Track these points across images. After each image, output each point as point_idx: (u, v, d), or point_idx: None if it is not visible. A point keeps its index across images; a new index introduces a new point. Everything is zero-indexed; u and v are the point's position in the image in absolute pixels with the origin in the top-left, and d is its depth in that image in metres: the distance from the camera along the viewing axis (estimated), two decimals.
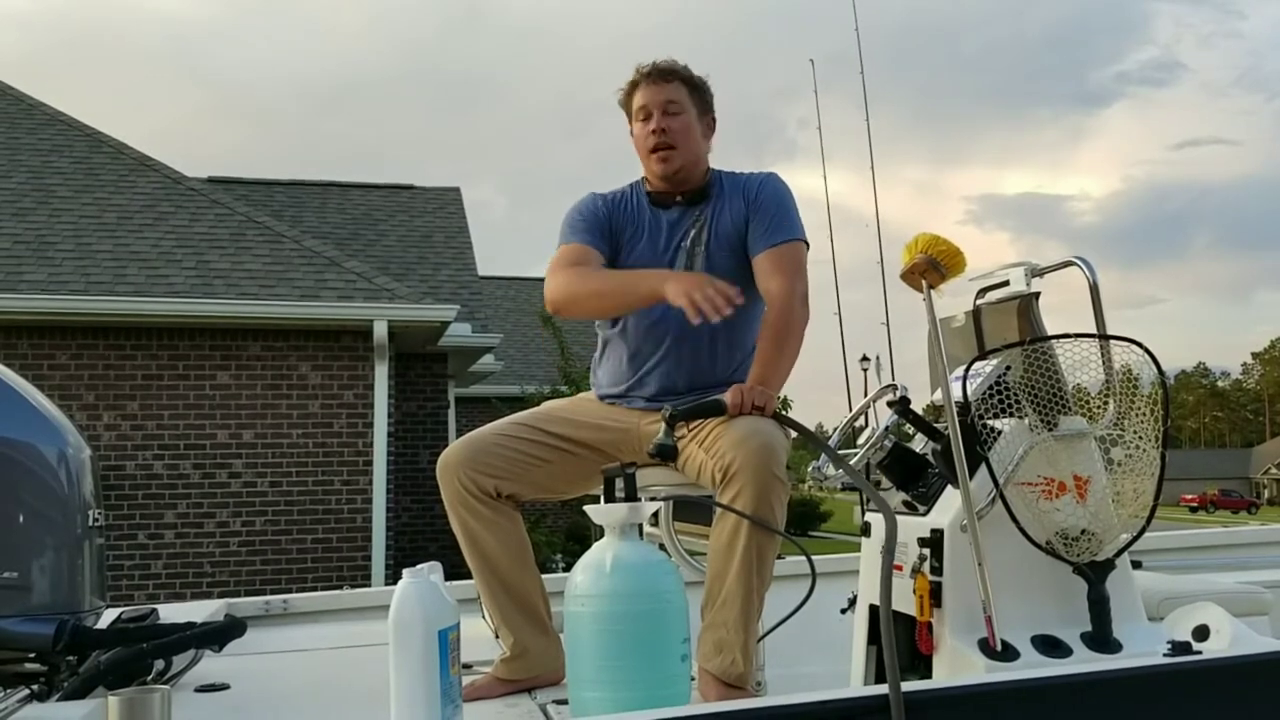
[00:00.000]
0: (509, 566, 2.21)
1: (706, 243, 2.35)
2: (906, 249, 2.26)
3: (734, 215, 2.36)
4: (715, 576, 2.06)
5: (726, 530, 2.02)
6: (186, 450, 8.30)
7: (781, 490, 2.02)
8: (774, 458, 2.01)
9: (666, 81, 2.38)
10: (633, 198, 2.45)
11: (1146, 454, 2.12)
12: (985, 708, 1.41)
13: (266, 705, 2.17)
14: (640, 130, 2.39)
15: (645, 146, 2.38)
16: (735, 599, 2.00)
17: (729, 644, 2.00)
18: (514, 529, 2.23)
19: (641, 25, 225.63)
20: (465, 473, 2.17)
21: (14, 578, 1.91)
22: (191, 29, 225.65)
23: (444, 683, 1.64)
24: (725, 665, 1.99)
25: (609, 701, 1.67)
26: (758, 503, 1.98)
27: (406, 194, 13.60)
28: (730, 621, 2.00)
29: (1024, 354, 2.20)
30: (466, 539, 2.20)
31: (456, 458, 2.19)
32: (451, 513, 2.21)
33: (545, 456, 2.24)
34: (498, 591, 2.21)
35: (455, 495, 2.18)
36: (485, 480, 2.18)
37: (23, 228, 8.86)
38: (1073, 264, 2.35)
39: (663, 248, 2.37)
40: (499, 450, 2.21)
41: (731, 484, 2.00)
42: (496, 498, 2.20)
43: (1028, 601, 2.09)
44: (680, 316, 2.11)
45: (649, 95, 2.38)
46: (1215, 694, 1.50)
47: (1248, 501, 61.95)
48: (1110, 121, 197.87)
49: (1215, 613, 1.99)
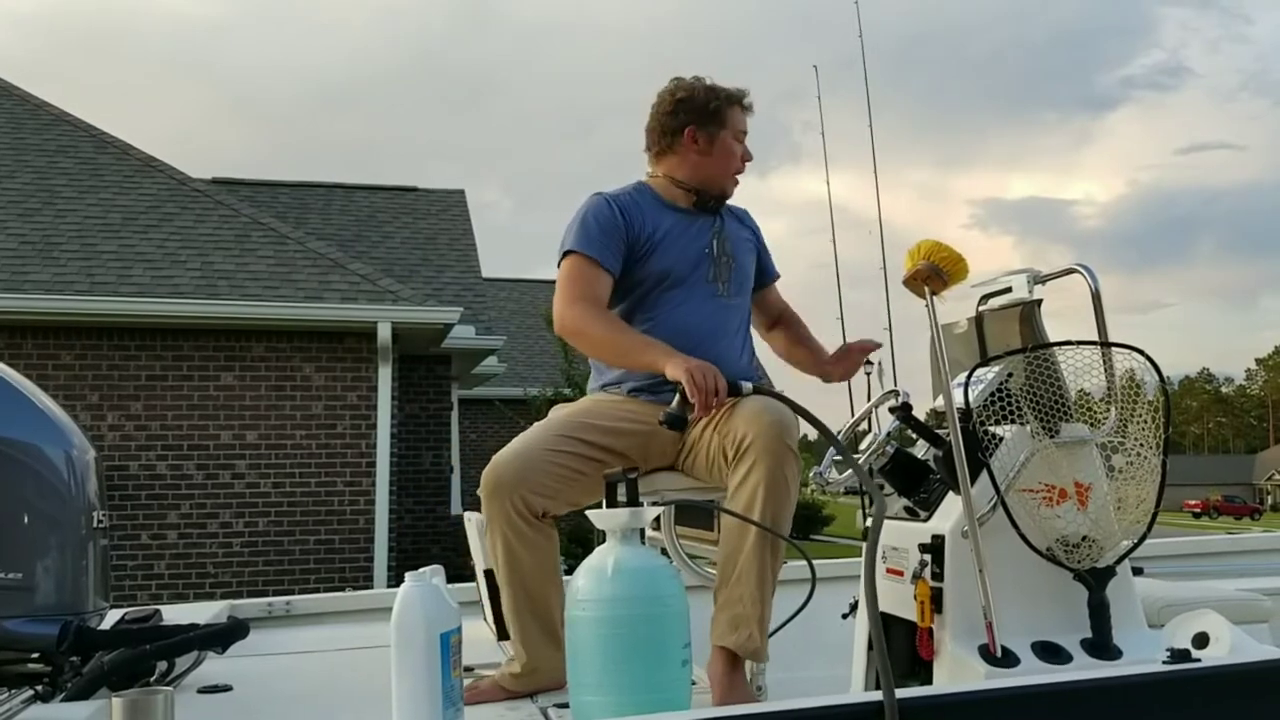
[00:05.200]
0: (539, 584, 2.19)
1: (732, 254, 2.46)
2: (909, 255, 2.26)
3: (743, 237, 2.55)
4: (728, 556, 2.07)
5: (741, 504, 2.04)
6: (190, 451, 8.32)
7: (795, 462, 2.06)
8: (786, 431, 2.05)
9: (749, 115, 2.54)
10: (644, 200, 2.43)
11: (1148, 461, 2.13)
12: (982, 715, 1.41)
13: (269, 707, 2.18)
14: (733, 149, 2.47)
15: (735, 165, 2.48)
16: (751, 573, 2.03)
17: (745, 618, 2.01)
18: (550, 547, 2.21)
19: (648, 27, 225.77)
20: (519, 494, 2.12)
21: (18, 579, 1.92)
22: (197, 29, 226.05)
23: (445, 685, 1.65)
24: (742, 640, 2.00)
25: (610, 706, 1.67)
26: (772, 474, 2.01)
27: (411, 196, 13.62)
28: (746, 596, 2.02)
29: (1026, 361, 2.20)
30: (507, 558, 2.16)
31: (508, 478, 2.13)
32: (496, 533, 2.16)
33: (584, 470, 2.20)
34: (523, 608, 2.19)
35: (504, 517, 2.14)
36: (536, 501, 2.14)
37: (28, 228, 8.88)
38: (1075, 271, 2.35)
39: (686, 246, 2.40)
40: (549, 468, 2.17)
41: (745, 457, 2.04)
42: (541, 518, 2.18)
43: (1028, 608, 2.09)
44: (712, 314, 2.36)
45: (745, 124, 2.50)
46: (1214, 702, 1.51)
47: (1251, 507, 61.82)
48: (1116, 126, 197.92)
49: (1215, 620, 1.99)
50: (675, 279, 2.36)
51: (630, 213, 2.38)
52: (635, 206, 2.41)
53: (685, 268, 2.37)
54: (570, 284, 2.31)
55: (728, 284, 2.42)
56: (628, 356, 2.25)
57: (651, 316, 2.35)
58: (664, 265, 2.36)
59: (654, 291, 2.36)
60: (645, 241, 2.36)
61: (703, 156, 2.43)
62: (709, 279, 2.40)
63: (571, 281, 2.31)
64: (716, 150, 2.44)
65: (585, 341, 2.29)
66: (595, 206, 2.38)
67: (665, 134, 2.45)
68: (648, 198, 2.44)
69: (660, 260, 2.36)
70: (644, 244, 2.36)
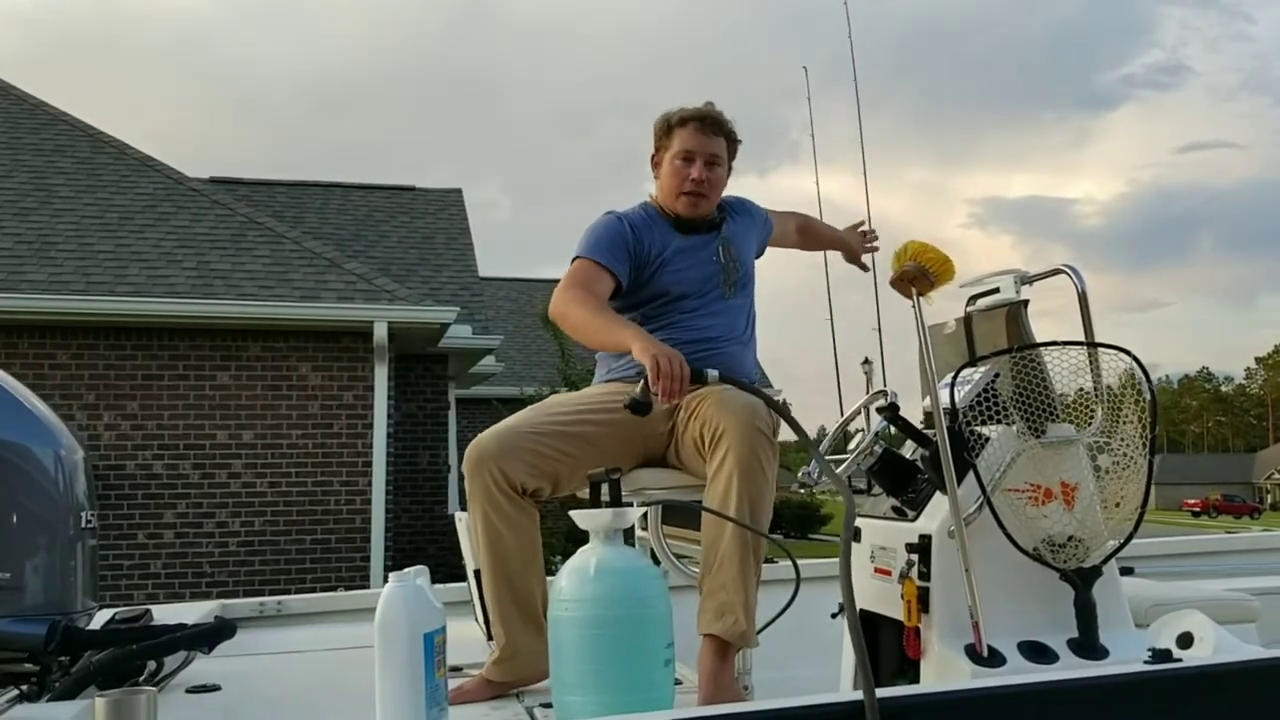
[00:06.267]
0: (520, 566, 2.21)
1: (737, 258, 2.53)
2: (896, 256, 2.28)
3: (743, 230, 2.62)
4: (710, 544, 2.09)
5: (718, 492, 2.06)
6: (186, 450, 8.32)
7: (769, 446, 2.08)
8: (758, 415, 2.08)
9: (714, 134, 2.48)
10: (653, 220, 2.50)
11: (1134, 461, 2.13)
12: (960, 714, 1.42)
13: (256, 706, 2.18)
14: (678, 169, 2.46)
15: (679, 187, 2.46)
16: (732, 558, 2.04)
17: (730, 605, 2.02)
18: (532, 528, 2.24)
19: (648, 24, 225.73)
20: (498, 465, 2.16)
21: (7, 578, 1.93)
22: (195, 28, 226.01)
23: (429, 685, 1.65)
24: (728, 626, 2.01)
25: (592, 705, 1.68)
26: (746, 459, 2.03)
27: (408, 195, 13.63)
28: (729, 582, 2.03)
29: (1012, 361, 2.21)
30: (487, 535, 2.20)
31: (489, 451, 2.18)
32: (476, 508, 2.20)
33: (570, 450, 2.23)
34: (503, 590, 2.21)
35: (484, 491, 2.17)
36: (516, 475, 2.17)
37: (24, 227, 8.89)
38: (1062, 272, 2.36)
39: (695, 263, 2.46)
40: (530, 444, 2.20)
41: (720, 444, 2.07)
42: (523, 494, 2.20)
43: (1015, 607, 2.10)
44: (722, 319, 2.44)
45: (696, 142, 2.46)
46: (1194, 702, 1.51)
47: (1250, 506, 61.86)
48: (1116, 125, 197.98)
49: (1199, 620, 2.00)
50: (687, 292, 2.44)
51: (640, 230, 2.45)
52: (645, 225, 2.48)
53: (696, 282, 2.45)
54: (568, 278, 2.38)
55: (733, 287, 2.51)
56: (601, 334, 2.27)
57: (666, 328, 2.41)
58: (675, 281, 2.43)
59: (668, 305, 2.44)
60: (655, 259, 2.43)
61: (661, 181, 2.53)
62: (719, 287, 2.48)
63: (570, 276, 2.39)
64: (662, 173, 2.51)
65: (567, 323, 2.34)
66: (606, 222, 2.48)
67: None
68: (655, 217, 2.51)
69: (671, 276, 2.43)
70: (654, 261, 2.43)
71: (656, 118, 2.54)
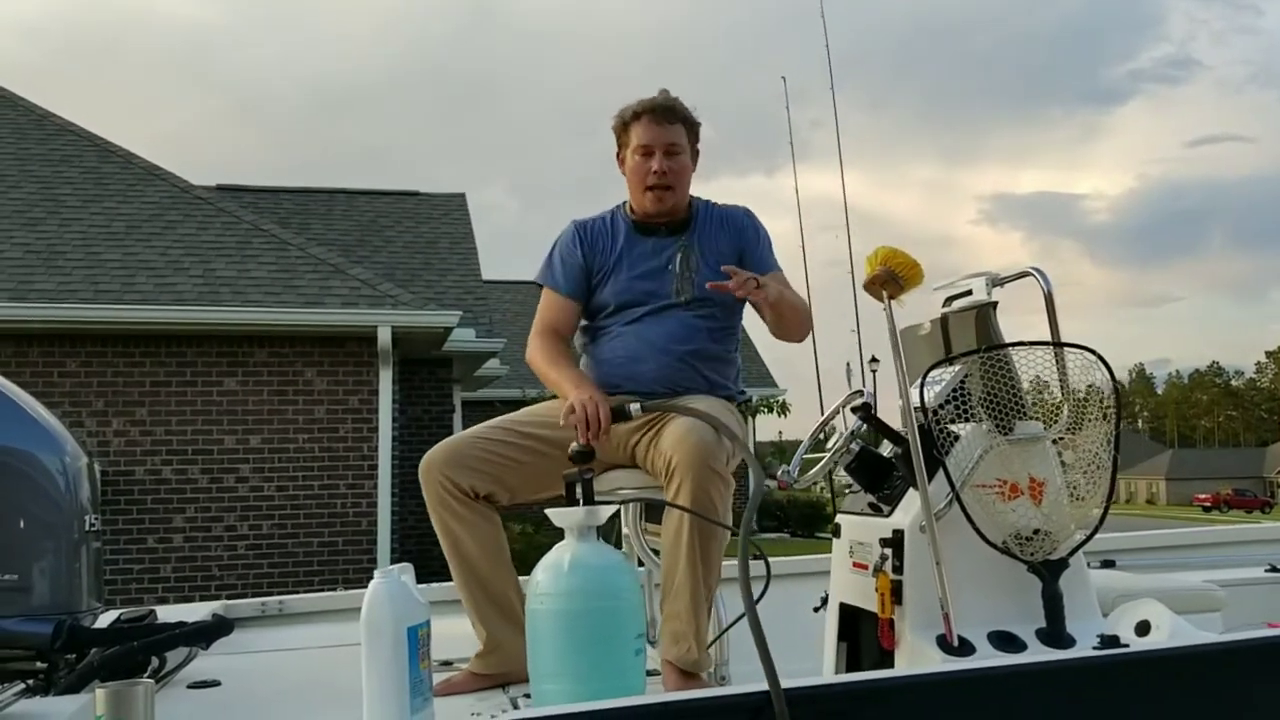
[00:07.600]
0: (487, 566, 2.31)
1: (697, 268, 2.44)
2: (867, 261, 2.34)
3: (720, 245, 2.49)
4: (668, 570, 2.19)
5: (672, 526, 2.15)
6: (194, 455, 8.43)
7: (720, 484, 2.13)
8: (710, 453, 2.11)
9: (670, 123, 2.45)
10: (614, 225, 2.53)
11: (1099, 457, 2.20)
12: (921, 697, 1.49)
13: (253, 701, 2.26)
14: (639, 165, 2.44)
15: (642, 182, 2.44)
16: (685, 590, 2.13)
17: (683, 634, 2.12)
18: (492, 530, 2.33)
19: (650, 23, 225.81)
20: (444, 472, 2.28)
21: (14, 580, 2.02)
22: (200, 35, 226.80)
23: (413, 677, 1.73)
24: (682, 653, 2.11)
25: (567, 693, 1.76)
26: (697, 496, 2.09)
27: (412, 200, 13.73)
28: (682, 612, 2.13)
29: (980, 361, 2.28)
30: (447, 539, 2.31)
31: (436, 460, 2.31)
32: (433, 513, 2.32)
33: (519, 458, 2.34)
34: (475, 589, 2.32)
35: (436, 496, 2.29)
36: (463, 479, 2.28)
37: (33, 237, 9.01)
38: (1029, 275, 2.43)
39: (643, 273, 2.46)
40: (476, 451, 2.32)
41: (673, 479, 2.13)
42: (475, 498, 2.30)
43: (986, 599, 2.16)
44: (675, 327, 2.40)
45: (652, 135, 2.43)
46: (1135, 686, 1.58)
47: (1261, 501, 61.51)
48: (1124, 119, 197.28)
49: (1157, 609, 2.06)
50: (630, 302, 2.45)
51: (593, 241, 2.51)
52: (603, 233, 2.52)
53: (641, 292, 2.45)
54: (537, 321, 2.53)
55: (688, 296, 2.44)
56: (553, 385, 2.41)
57: (613, 334, 2.48)
58: (618, 291, 2.46)
59: (610, 317, 2.49)
60: (601, 270, 2.49)
61: (627, 179, 2.52)
62: (672, 293, 2.44)
63: (538, 314, 2.53)
64: (627, 170, 2.51)
65: (533, 370, 2.50)
66: (562, 238, 2.56)
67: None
68: (620, 223, 2.53)
69: (613, 288, 2.47)
70: (601, 270, 2.49)
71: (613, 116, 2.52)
